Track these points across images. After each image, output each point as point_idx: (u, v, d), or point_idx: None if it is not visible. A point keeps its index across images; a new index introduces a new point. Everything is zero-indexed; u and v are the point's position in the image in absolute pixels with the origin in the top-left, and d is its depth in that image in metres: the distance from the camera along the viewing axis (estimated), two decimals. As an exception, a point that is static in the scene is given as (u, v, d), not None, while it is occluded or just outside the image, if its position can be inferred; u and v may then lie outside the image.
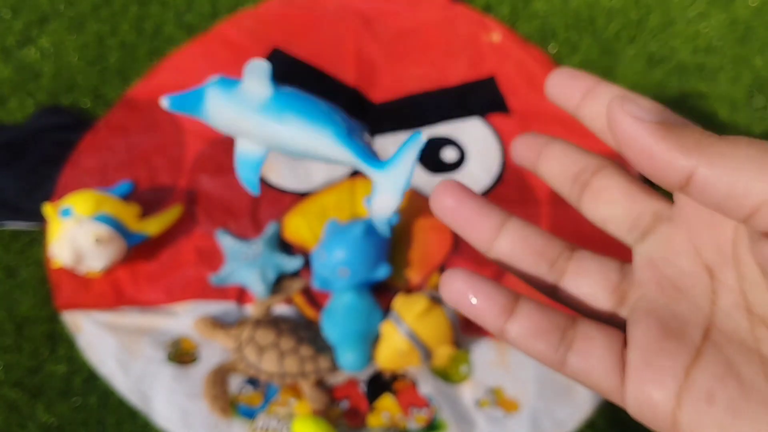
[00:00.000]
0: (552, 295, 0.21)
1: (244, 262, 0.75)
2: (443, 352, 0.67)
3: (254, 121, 0.38)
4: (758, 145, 0.16)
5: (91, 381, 0.69)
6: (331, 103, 0.49)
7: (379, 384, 0.70)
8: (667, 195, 0.21)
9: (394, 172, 0.33)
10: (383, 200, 0.34)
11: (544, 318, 0.18)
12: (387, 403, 0.69)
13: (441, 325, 0.67)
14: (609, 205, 0.21)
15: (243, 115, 0.38)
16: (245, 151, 0.41)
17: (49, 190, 0.81)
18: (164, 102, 0.41)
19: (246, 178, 0.42)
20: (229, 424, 0.66)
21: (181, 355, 0.70)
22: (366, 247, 0.72)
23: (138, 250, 0.76)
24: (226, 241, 0.77)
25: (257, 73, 0.38)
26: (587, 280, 0.19)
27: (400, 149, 0.32)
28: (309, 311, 0.74)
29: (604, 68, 0.97)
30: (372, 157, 0.36)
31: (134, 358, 0.69)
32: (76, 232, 0.69)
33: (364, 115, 0.90)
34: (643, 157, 0.16)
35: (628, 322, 0.18)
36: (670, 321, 0.18)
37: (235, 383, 0.69)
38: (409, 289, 0.76)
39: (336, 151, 0.37)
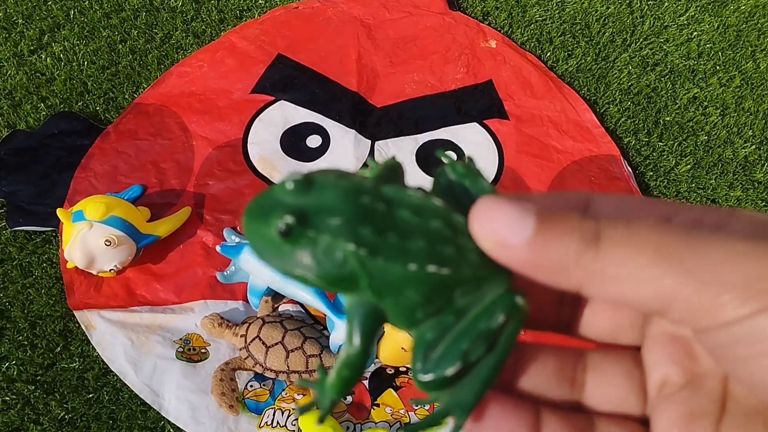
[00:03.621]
0: (578, 409, 0.19)
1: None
2: (444, 348, 0.69)
3: (269, 273, 0.70)
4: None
5: (103, 377, 0.71)
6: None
7: (382, 379, 0.72)
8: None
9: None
10: (339, 334, 0.69)
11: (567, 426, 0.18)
12: (390, 397, 0.71)
13: (441, 322, 0.69)
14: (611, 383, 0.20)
15: (263, 268, 0.69)
16: (255, 283, 0.73)
17: (61, 195, 0.83)
18: (218, 248, 0.74)
19: (252, 299, 0.74)
20: (237, 420, 0.68)
21: (190, 352, 0.73)
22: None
23: (148, 251, 0.78)
24: (232, 239, 0.79)
25: None
26: (612, 387, 0.19)
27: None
28: (314, 310, 0.76)
29: (599, 73, 0.99)
30: (335, 310, 0.69)
31: (145, 356, 0.71)
32: (87, 235, 0.71)
33: (366, 118, 0.92)
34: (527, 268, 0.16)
35: (653, 411, 0.18)
36: (693, 404, 0.17)
37: (243, 379, 0.71)
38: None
39: (315, 302, 0.70)
